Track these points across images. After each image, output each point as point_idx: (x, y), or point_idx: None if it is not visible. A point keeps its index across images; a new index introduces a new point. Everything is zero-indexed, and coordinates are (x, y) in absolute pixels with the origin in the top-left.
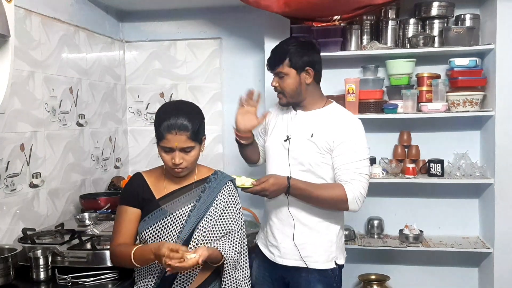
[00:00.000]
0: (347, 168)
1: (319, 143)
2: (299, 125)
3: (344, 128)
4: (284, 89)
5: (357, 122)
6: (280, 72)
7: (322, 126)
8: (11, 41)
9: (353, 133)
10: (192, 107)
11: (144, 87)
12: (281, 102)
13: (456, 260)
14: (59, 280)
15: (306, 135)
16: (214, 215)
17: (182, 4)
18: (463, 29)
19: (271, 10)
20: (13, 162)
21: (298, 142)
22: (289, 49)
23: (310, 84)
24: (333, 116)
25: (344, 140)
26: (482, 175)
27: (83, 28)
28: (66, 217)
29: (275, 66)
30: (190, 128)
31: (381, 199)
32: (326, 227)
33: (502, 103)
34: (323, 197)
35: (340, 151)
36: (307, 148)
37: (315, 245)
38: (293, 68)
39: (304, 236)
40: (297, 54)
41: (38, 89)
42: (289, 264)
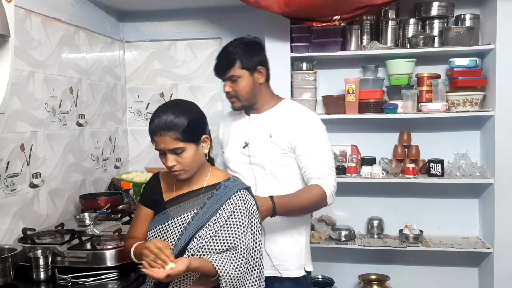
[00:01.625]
0: (316, 164)
1: (280, 144)
2: (256, 129)
3: (303, 125)
4: (238, 93)
5: (313, 116)
6: (232, 76)
7: (279, 125)
8: (11, 41)
9: (313, 128)
10: (182, 105)
11: (144, 87)
12: (234, 107)
13: (456, 260)
14: (59, 280)
15: (265, 137)
16: (215, 226)
17: (182, 4)
18: (463, 29)
19: (271, 10)
20: (13, 162)
21: (257, 146)
22: (238, 51)
23: (262, 84)
24: (289, 113)
25: (305, 137)
26: (482, 175)
27: (83, 28)
28: (66, 217)
29: (226, 71)
30: (175, 128)
31: (381, 199)
32: (297, 233)
33: (502, 103)
34: (306, 203)
35: (304, 149)
36: (268, 150)
37: (286, 253)
38: (245, 70)
39: (275, 244)
40: (247, 55)
41: (38, 89)
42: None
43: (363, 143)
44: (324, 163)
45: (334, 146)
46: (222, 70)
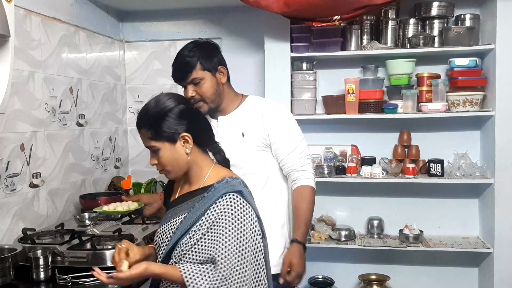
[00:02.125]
0: (294, 157)
1: (254, 140)
2: (225, 131)
3: (274, 118)
4: (203, 95)
5: (282, 109)
6: (195, 79)
7: (250, 122)
8: (11, 41)
9: (283, 120)
10: (155, 101)
11: (144, 87)
12: (203, 111)
13: (456, 260)
14: (59, 280)
15: (237, 137)
16: (196, 234)
17: (182, 4)
18: (463, 29)
19: (271, 10)
20: (13, 162)
21: (229, 147)
22: (195, 54)
23: (225, 84)
24: (257, 109)
25: (278, 130)
26: (482, 175)
27: (83, 28)
28: (66, 217)
29: (187, 74)
30: (144, 125)
31: (381, 199)
32: (281, 227)
33: (502, 103)
34: (311, 210)
35: (280, 142)
36: (241, 149)
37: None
38: (207, 71)
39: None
40: (206, 56)
41: (38, 89)
42: None
43: (363, 143)
44: (301, 153)
45: (334, 146)
46: (183, 74)
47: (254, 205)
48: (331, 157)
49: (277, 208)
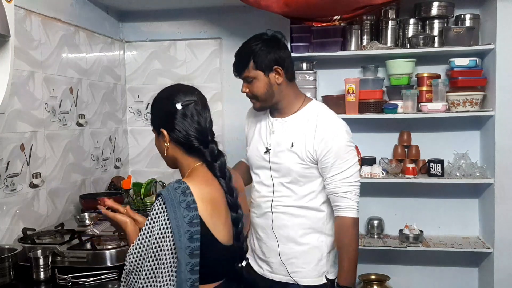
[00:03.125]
0: (338, 180)
1: (301, 153)
2: (278, 135)
3: (327, 135)
4: (255, 94)
5: (339, 125)
6: (247, 77)
7: (302, 133)
8: (11, 41)
9: (337, 139)
10: (158, 93)
11: (144, 87)
12: (255, 107)
13: (456, 260)
14: (59, 280)
15: (287, 145)
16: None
17: (182, 4)
18: (463, 29)
19: (271, 10)
20: (13, 162)
21: (278, 154)
22: (252, 50)
23: (281, 84)
24: (313, 120)
25: (328, 149)
26: (482, 175)
27: (83, 28)
28: (66, 217)
29: (241, 71)
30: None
31: (381, 199)
32: (315, 240)
33: (502, 103)
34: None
35: (327, 162)
36: (288, 159)
37: (303, 261)
38: (259, 70)
39: (291, 252)
40: (262, 54)
41: (38, 89)
42: (279, 279)
43: (363, 143)
44: (346, 179)
45: None
46: (238, 70)
47: (175, 207)
48: None
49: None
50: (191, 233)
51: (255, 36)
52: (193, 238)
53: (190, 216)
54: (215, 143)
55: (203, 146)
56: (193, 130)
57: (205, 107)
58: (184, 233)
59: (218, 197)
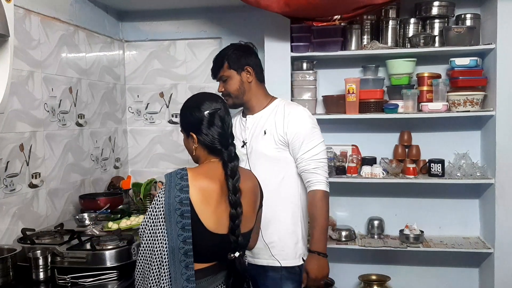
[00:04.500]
0: (307, 158)
1: (273, 138)
2: (251, 128)
3: (294, 120)
4: (228, 91)
5: (303, 111)
6: (222, 76)
7: (272, 122)
8: (10, 41)
9: (303, 123)
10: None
11: (143, 87)
12: (229, 104)
13: (457, 260)
14: (59, 280)
15: (260, 134)
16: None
17: (182, 4)
18: (464, 28)
19: (271, 10)
20: (13, 162)
21: (254, 143)
22: (227, 54)
23: (252, 82)
24: (280, 110)
25: (296, 131)
26: (482, 175)
27: (82, 28)
28: (66, 217)
29: (217, 72)
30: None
31: (381, 199)
32: (292, 223)
33: (502, 103)
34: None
35: (297, 143)
36: (263, 145)
37: (284, 243)
38: (233, 70)
39: (273, 235)
40: (235, 57)
41: (37, 89)
42: (261, 263)
43: (364, 143)
44: (316, 156)
45: (335, 146)
46: (215, 71)
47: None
48: (332, 157)
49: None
50: (182, 211)
51: (230, 44)
52: (184, 215)
53: (181, 197)
54: (233, 146)
55: (224, 148)
56: (217, 134)
57: (228, 113)
58: (175, 210)
59: (216, 191)
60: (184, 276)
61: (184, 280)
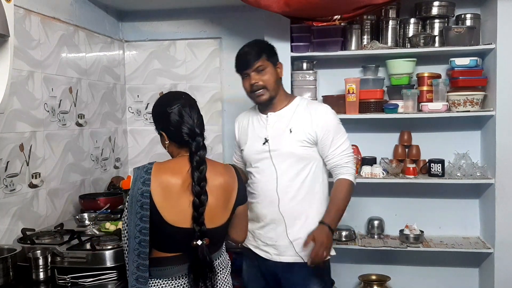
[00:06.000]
0: (338, 154)
1: (301, 136)
2: (275, 126)
3: (322, 118)
4: (265, 82)
5: (328, 108)
6: (260, 66)
7: (298, 120)
8: (10, 41)
9: (331, 119)
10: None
11: (143, 87)
12: (262, 99)
13: (457, 260)
14: (59, 280)
15: (285, 132)
16: None
17: (182, 4)
18: (464, 28)
19: (271, 10)
20: (13, 162)
21: (278, 140)
22: (265, 44)
23: (280, 80)
24: (304, 108)
25: (326, 129)
26: (482, 175)
27: (82, 28)
28: (66, 217)
29: (254, 61)
30: None
31: (381, 199)
32: (316, 220)
33: (502, 103)
34: (346, 201)
35: (327, 140)
36: (288, 143)
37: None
38: (270, 62)
39: (297, 232)
40: (270, 50)
41: (37, 89)
42: (286, 260)
43: (364, 143)
44: (344, 151)
45: None
46: (251, 61)
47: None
48: None
49: (316, 201)
50: (142, 203)
51: (256, 40)
52: (143, 207)
53: (143, 189)
54: (202, 137)
55: (191, 139)
56: (183, 127)
57: (192, 107)
58: (136, 202)
59: (177, 185)
60: (135, 263)
61: (135, 267)
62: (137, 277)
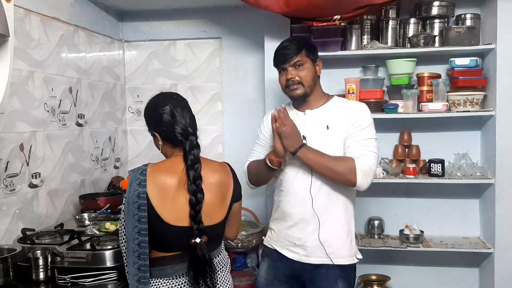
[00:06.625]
0: (357, 145)
1: (338, 133)
2: (312, 122)
3: (354, 113)
4: (302, 78)
5: (363, 106)
6: (298, 61)
7: (335, 117)
8: (10, 41)
9: (362, 115)
10: (145, 105)
11: (143, 87)
12: (297, 93)
13: (457, 260)
14: (59, 280)
15: (322, 129)
16: None
17: (182, 4)
18: (464, 28)
19: (271, 10)
20: (13, 162)
21: (316, 138)
22: (305, 40)
23: (318, 77)
24: (341, 106)
25: (354, 124)
26: (482, 175)
27: (82, 28)
28: (66, 217)
29: (293, 56)
30: None
31: (381, 199)
32: (347, 222)
33: (502, 103)
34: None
35: (351, 132)
36: (326, 140)
37: (339, 241)
38: (309, 58)
39: (329, 233)
40: (311, 46)
41: (37, 89)
42: (315, 262)
43: None
44: (365, 146)
45: None
46: (290, 55)
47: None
48: None
49: (345, 200)
50: (139, 204)
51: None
52: (141, 208)
53: (139, 191)
54: (195, 136)
55: (184, 139)
56: (176, 127)
57: (183, 107)
58: (133, 203)
59: (173, 185)
60: (135, 265)
61: (136, 269)
62: (139, 278)
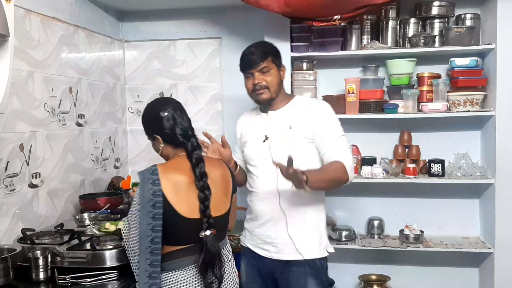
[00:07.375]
0: (334, 147)
1: (300, 133)
2: (275, 123)
3: (319, 114)
4: (269, 83)
5: (327, 105)
6: (265, 67)
7: (297, 117)
8: (10, 41)
9: (328, 116)
10: (144, 110)
11: (143, 87)
12: (263, 98)
13: (457, 260)
14: (59, 280)
15: (285, 129)
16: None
17: (182, 4)
18: (464, 28)
19: (271, 10)
20: (13, 162)
21: (278, 138)
22: (270, 48)
23: (282, 82)
24: (304, 106)
25: (323, 125)
26: (482, 175)
27: (82, 27)
28: (66, 217)
29: (260, 62)
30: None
31: (381, 199)
32: (315, 217)
33: (502, 103)
34: (333, 175)
35: (322, 136)
36: (288, 140)
37: (308, 236)
38: (275, 64)
39: (297, 228)
40: (276, 53)
41: (37, 89)
42: (285, 258)
43: (364, 143)
44: (342, 147)
45: None
46: (256, 61)
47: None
48: None
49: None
50: (154, 202)
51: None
52: (156, 206)
53: (154, 189)
54: (195, 137)
55: (186, 140)
56: (177, 129)
57: (181, 110)
58: (148, 202)
59: (184, 181)
60: (148, 261)
61: (148, 264)
62: (150, 274)
